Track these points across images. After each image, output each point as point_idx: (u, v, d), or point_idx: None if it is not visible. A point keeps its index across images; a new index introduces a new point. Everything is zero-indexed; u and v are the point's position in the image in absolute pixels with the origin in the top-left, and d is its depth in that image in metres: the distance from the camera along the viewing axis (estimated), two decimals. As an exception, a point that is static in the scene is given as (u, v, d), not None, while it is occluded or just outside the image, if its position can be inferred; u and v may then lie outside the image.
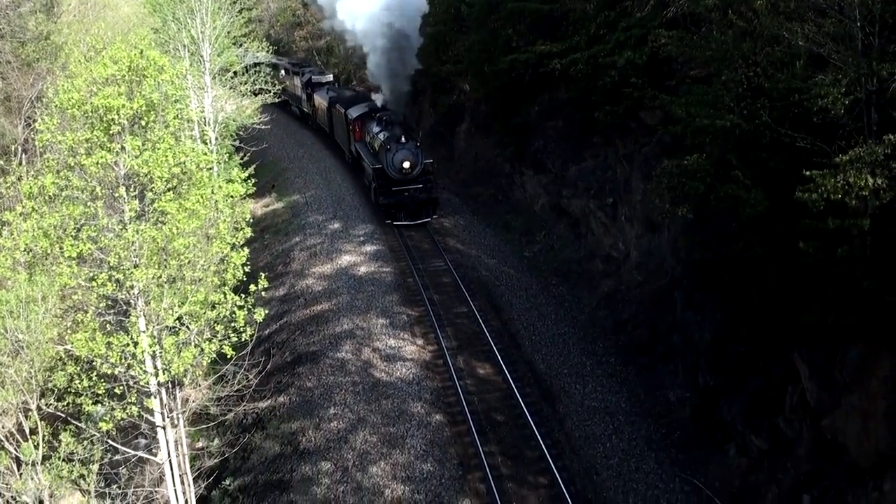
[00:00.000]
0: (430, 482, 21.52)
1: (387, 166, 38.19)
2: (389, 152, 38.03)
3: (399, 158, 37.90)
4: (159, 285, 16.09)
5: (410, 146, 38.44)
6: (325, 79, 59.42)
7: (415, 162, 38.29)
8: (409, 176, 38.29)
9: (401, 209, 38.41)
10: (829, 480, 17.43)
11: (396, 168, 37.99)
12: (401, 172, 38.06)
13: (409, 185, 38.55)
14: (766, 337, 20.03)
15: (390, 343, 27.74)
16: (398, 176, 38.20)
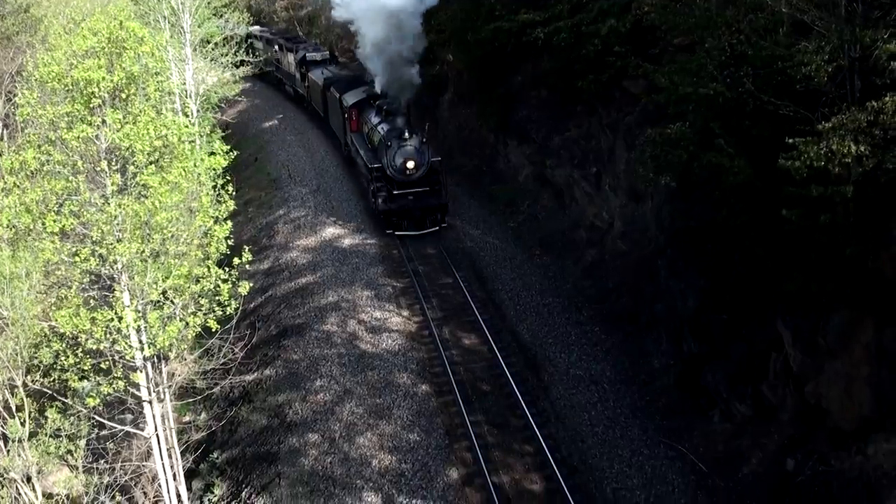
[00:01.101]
0: (416, 452, 21.65)
1: (387, 165, 33.33)
2: (390, 149, 33.17)
3: (401, 157, 33.08)
4: (143, 260, 16.00)
5: (415, 142, 33.35)
6: (320, 56, 53.38)
7: (420, 162, 33.35)
8: (413, 177, 33.44)
9: (403, 217, 33.49)
10: (813, 445, 17.65)
11: (398, 168, 33.18)
12: (404, 173, 33.26)
13: (413, 189, 33.59)
14: (750, 304, 20.16)
15: (376, 315, 27.77)
16: (401, 177, 33.38)
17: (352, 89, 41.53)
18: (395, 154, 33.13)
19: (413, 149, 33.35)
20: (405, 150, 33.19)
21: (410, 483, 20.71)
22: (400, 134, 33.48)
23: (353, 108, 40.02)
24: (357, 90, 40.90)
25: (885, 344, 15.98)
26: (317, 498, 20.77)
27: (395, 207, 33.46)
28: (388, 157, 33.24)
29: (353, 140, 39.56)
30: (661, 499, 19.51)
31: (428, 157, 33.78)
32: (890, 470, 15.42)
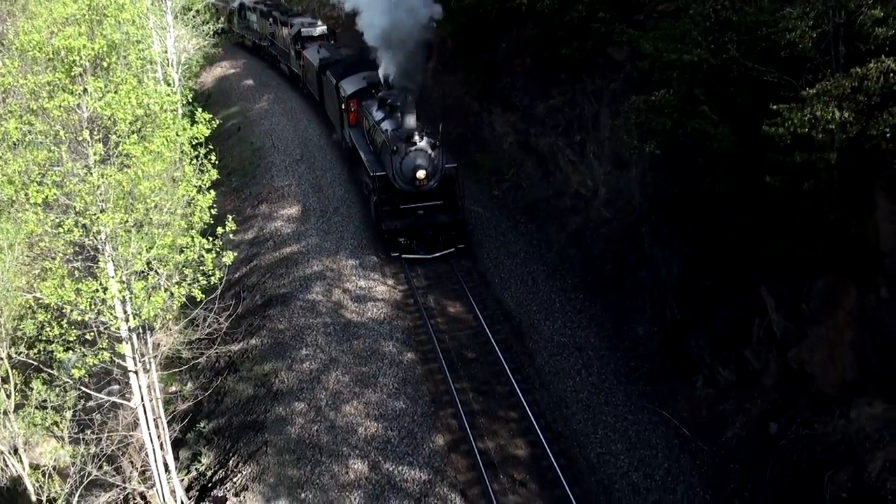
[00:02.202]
0: (402, 419, 21.77)
1: (393, 174, 28.77)
2: (397, 155, 28.47)
3: (411, 166, 28.49)
4: (126, 230, 15.92)
5: (426, 147, 28.63)
6: (317, 31, 47.98)
7: (433, 170, 28.80)
8: (424, 189, 28.98)
9: (413, 236, 28.89)
10: (796, 409, 17.84)
11: (406, 178, 28.64)
12: (413, 185, 28.76)
13: (424, 202, 29.16)
14: (733, 271, 20.27)
15: (360, 284, 27.79)
16: (409, 188, 28.88)
17: (351, 74, 36.62)
18: (402, 161, 28.45)
19: (425, 155, 28.63)
20: (415, 156, 28.53)
21: (396, 450, 20.85)
22: (408, 136, 28.60)
23: (351, 98, 35.22)
24: (357, 77, 36.01)
25: (867, 309, 16.12)
26: (304, 465, 20.88)
27: (403, 226, 28.77)
28: (393, 164, 28.56)
29: (352, 136, 34.83)
30: (644, 463, 19.72)
31: (442, 165, 29.08)
32: (872, 433, 15.61)
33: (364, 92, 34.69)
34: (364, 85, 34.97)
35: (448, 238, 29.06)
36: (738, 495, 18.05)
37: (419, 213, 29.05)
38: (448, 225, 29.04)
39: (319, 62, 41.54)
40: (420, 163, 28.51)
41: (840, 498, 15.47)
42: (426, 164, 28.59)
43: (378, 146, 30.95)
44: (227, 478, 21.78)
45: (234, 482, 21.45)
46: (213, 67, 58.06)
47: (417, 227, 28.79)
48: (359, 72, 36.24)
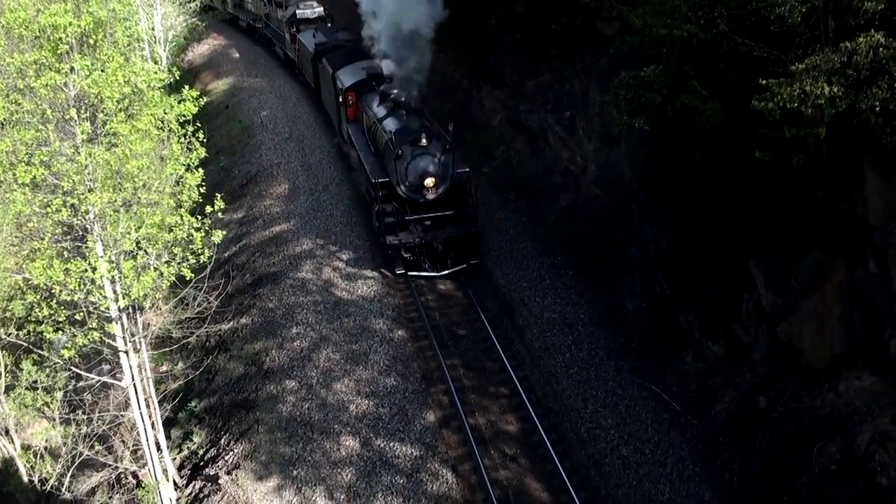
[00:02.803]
0: (393, 396, 21.84)
1: (397, 181, 26.10)
2: (402, 160, 25.77)
3: (417, 172, 25.89)
4: (115, 210, 15.84)
5: (436, 150, 26.01)
6: (313, 13, 45.00)
7: (442, 177, 26.22)
8: (432, 198, 26.41)
9: (420, 252, 26.30)
10: (785, 383, 17.96)
11: (413, 186, 26.07)
12: (420, 193, 26.14)
13: (432, 213, 26.50)
14: (722, 246, 20.32)
15: (350, 262, 27.76)
16: (416, 197, 26.26)
17: (350, 63, 34.09)
18: (408, 167, 25.83)
19: (434, 160, 26.00)
20: (422, 161, 25.87)
21: (388, 427, 20.92)
22: (414, 137, 25.93)
23: (350, 91, 32.43)
24: (356, 66, 33.37)
25: (856, 284, 16.21)
26: (295, 443, 20.93)
27: (409, 240, 26.06)
28: (398, 169, 25.85)
29: (350, 133, 32.00)
30: (634, 437, 19.83)
31: (453, 170, 26.36)
32: (861, 406, 15.74)
33: (364, 84, 31.94)
34: (364, 77, 32.22)
35: (459, 253, 26.50)
36: (727, 468, 18.20)
37: (427, 225, 26.35)
38: (459, 239, 26.25)
39: (315, 48, 38.81)
40: (428, 169, 25.83)
41: (829, 470, 15.61)
42: (435, 170, 25.91)
43: (380, 147, 28.07)
44: (218, 456, 21.83)
45: (225, 460, 21.50)
46: (201, 45, 57.59)
47: (425, 242, 26.07)
48: (358, 60, 33.87)
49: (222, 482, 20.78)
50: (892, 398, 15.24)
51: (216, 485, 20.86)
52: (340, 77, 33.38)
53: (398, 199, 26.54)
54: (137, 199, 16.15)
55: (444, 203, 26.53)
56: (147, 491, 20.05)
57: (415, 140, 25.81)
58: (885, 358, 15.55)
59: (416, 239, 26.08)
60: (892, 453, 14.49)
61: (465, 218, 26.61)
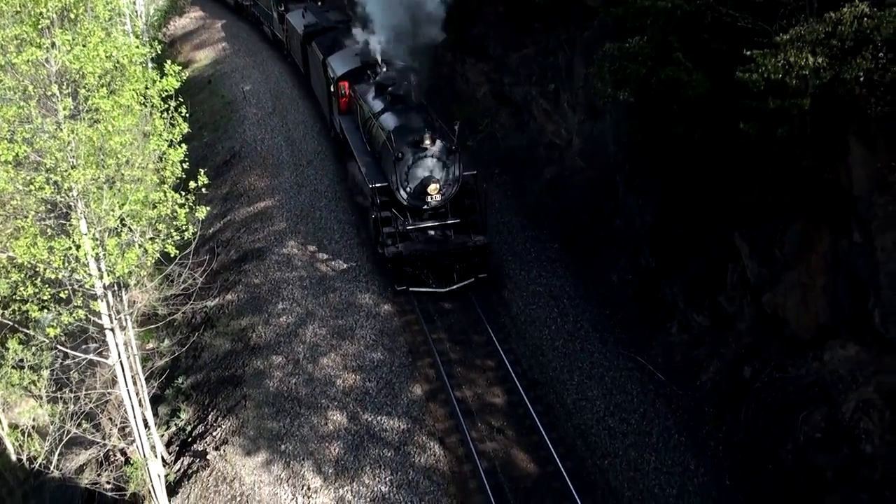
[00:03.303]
0: (380, 370, 21.91)
1: (397, 186, 23.86)
2: (402, 163, 23.55)
3: (420, 177, 23.71)
4: (98, 186, 15.71)
5: (440, 152, 23.70)
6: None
7: (448, 183, 24.07)
8: (437, 206, 24.35)
9: (423, 266, 24.09)
10: (770, 353, 18.10)
11: (415, 192, 23.88)
12: (423, 200, 23.98)
13: (436, 222, 24.56)
14: (707, 218, 20.40)
15: (336, 237, 27.70)
16: (418, 204, 24.10)
17: (342, 48, 31.77)
18: (408, 171, 23.63)
19: (437, 163, 23.75)
20: (425, 165, 23.65)
21: (375, 401, 21.00)
22: (416, 138, 23.58)
23: (342, 80, 29.84)
24: (349, 52, 31.03)
25: (840, 254, 16.30)
26: (283, 418, 20.98)
27: (410, 252, 23.78)
28: (398, 173, 23.59)
29: (343, 126, 29.62)
30: (620, 408, 19.99)
31: (459, 174, 24.13)
32: (845, 375, 15.89)
33: (358, 73, 29.40)
34: (358, 64, 29.67)
35: (466, 266, 24.24)
36: (712, 437, 18.38)
37: (430, 235, 24.37)
38: (466, 251, 24.00)
39: (304, 30, 36.06)
40: (432, 173, 23.66)
41: (814, 438, 15.78)
42: (439, 174, 23.74)
43: (377, 146, 25.71)
44: (206, 432, 21.86)
45: (213, 436, 21.54)
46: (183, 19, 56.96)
47: (429, 255, 23.88)
48: (351, 45, 31.70)
49: (210, 458, 20.82)
50: (876, 367, 15.39)
51: (204, 460, 20.90)
52: (332, 64, 30.87)
53: (398, 206, 24.23)
54: (121, 176, 16.02)
55: (449, 210, 24.50)
56: (135, 467, 20.07)
57: (417, 141, 23.42)
58: (869, 327, 15.68)
59: (418, 252, 23.80)
60: (877, 421, 14.66)
61: (472, 227, 24.38)
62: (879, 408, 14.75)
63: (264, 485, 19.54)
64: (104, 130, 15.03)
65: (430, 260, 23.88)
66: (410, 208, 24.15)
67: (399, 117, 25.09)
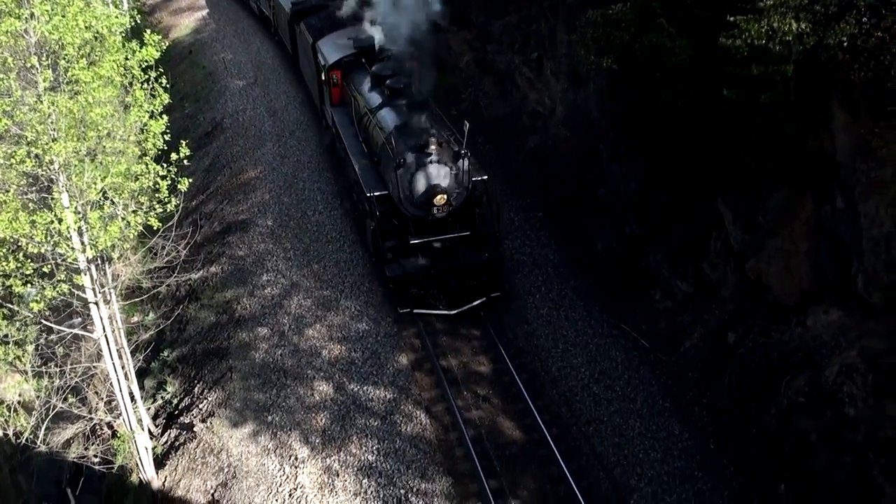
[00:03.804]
0: (366, 340, 21.94)
1: (399, 195, 21.24)
2: (404, 170, 20.91)
3: (424, 186, 21.01)
4: (80, 159, 15.58)
5: (446, 158, 21.15)
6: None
7: (457, 192, 21.42)
8: (444, 217, 21.54)
9: (431, 285, 21.80)
10: (753, 319, 18.24)
11: (419, 202, 21.16)
12: (428, 209, 21.20)
13: (443, 234, 21.91)
14: (690, 185, 20.44)
15: (319, 208, 27.60)
16: (422, 214, 21.40)
17: (333, 31, 29.30)
18: (412, 179, 20.94)
19: (445, 171, 21.11)
20: (431, 172, 20.96)
21: (360, 371, 21.05)
22: (420, 141, 21.00)
23: (334, 69, 27.48)
24: (341, 36, 28.51)
25: (823, 220, 16.39)
26: (269, 389, 21.01)
27: (414, 271, 21.54)
28: (400, 182, 20.95)
29: (335, 119, 27.34)
30: (605, 375, 20.12)
31: (468, 180, 21.63)
32: (829, 340, 16.04)
33: (352, 61, 27.16)
34: (351, 51, 27.34)
35: (478, 284, 21.96)
36: (696, 402, 18.55)
37: (436, 249, 21.95)
38: (478, 267, 21.79)
39: (292, 7, 33.71)
40: (438, 182, 20.99)
41: (797, 402, 15.95)
42: (448, 183, 21.12)
43: (375, 146, 23.26)
44: (193, 404, 21.87)
45: (200, 408, 21.56)
46: None
47: (436, 273, 21.57)
48: (343, 27, 29.25)
49: (197, 430, 20.85)
50: (860, 331, 15.53)
51: (191, 433, 20.92)
52: (322, 49, 28.38)
53: (400, 218, 21.74)
54: (102, 148, 15.88)
55: (458, 221, 21.94)
56: (122, 441, 20.08)
57: (420, 145, 20.86)
58: (851, 292, 15.81)
59: (423, 270, 21.55)
60: (860, 385, 14.82)
61: (483, 239, 22.02)
62: (863, 372, 14.91)
63: (252, 455, 19.60)
64: (84, 102, 14.89)
65: (436, 278, 21.56)
66: (414, 219, 21.56)
67: (399, 115, 22.79)
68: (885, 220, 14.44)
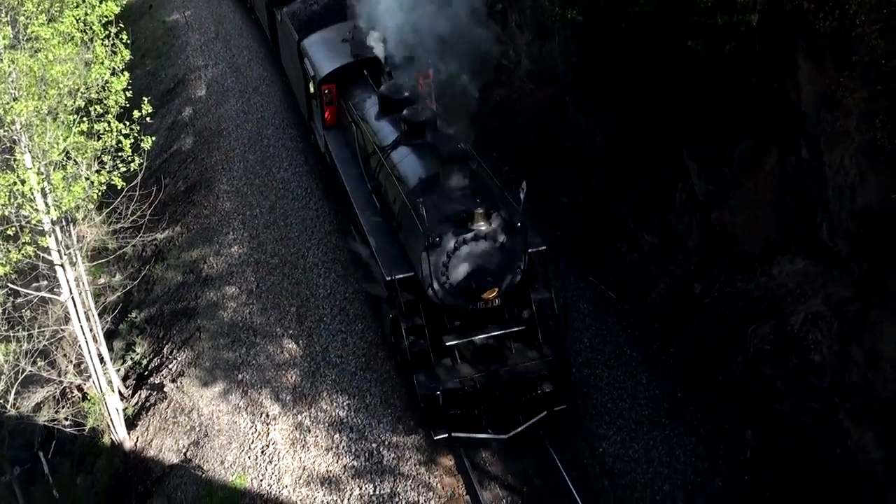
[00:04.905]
0: (334, 297, 21.89)
1: (431, 280, 15.81)
2: (439, 250, 15.59)
3: (466, 271, 15.82)
4: (42, 119, 15.34)
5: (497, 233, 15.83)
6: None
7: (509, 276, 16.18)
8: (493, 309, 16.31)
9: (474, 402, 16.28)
10: (719, 269, 18.44)
11: (458, 288, 15.94)
12: (469, 300, 15.98)
13: (489, 328, 16.48)
14: (656, 137, 20.50)
15: (284, 165, 27.38)
16: (460, 304, 16.13)
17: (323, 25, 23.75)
18: (448, 261, 15.62)
19: (494, 248, 15.79)
20: (476, 252, 15.66)
21: (330, 327, 21.03)
22: (460, 210, 15.58)
23: (327, 83, 21.98)
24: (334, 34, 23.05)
25: (788, 170, 16.55)
26: (238, 348, 21.02)
27: (454, 384, 16.05)
28: (432, 263, 15.54)
29: (330, 146, 22.33)
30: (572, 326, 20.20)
31: (524, 258, 16.27)
32: (794, 288, 16.29)
33: (350, 72, 21.60)
34: (349, 59, 21.75)
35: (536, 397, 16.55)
36: (663, 352, 18.79)
37: (479, 348, 16.57)
38: (538, 375, 16.46)
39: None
40: (485, 265, 15.77)
41: (763, 350, 16.23)
42: (499, 266, 15.91)
43: (392, 206, 17.85)
44: (162, 365, 21.85)
45: (170, 369, 21.54)
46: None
47: (483, 389, 16.03)
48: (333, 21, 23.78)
49: (168, 390, 20.85)
50: (825, 279, 15.78)
51: (162, 393, 20.92)
52: (311, 52, 22.81)
53: (429, 305, 16.27)
54: (64, 107, 15.65)
55: (507, 309, 16.73)
56: (93, 403, 20.03)
57: (462, 218, 15.45)
58: (816, 241, 16.03)
59: (465, 384, 16.08)
60: (825, 332, 15.10)
61: (542, 333, 16.76)
62: (828, 319, 15.18)
63: (223, 414, 19.64)
64: (45, 60, 14.64)
65: (482, 394, 16.10)
66: (451, 309, 16.31)
67: (424, 162, 17.32)
68: (849, 170, 14.62)
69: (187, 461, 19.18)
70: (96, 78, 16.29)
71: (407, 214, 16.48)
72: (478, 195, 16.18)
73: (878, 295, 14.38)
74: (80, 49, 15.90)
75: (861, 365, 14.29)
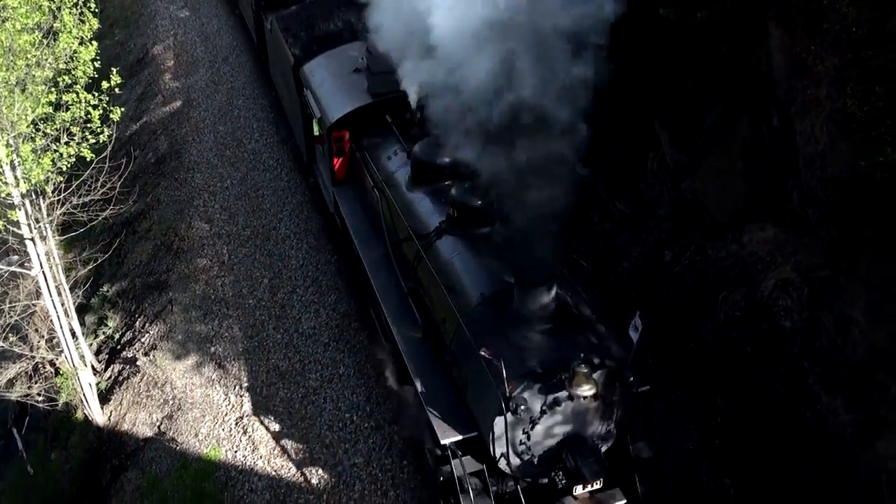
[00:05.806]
0: (306, 268, 21.82)
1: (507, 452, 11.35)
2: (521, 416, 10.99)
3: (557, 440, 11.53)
4: (10, 90, 15.11)
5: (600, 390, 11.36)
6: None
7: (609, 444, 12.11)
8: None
9: None
10: (690, 237, 18.55)
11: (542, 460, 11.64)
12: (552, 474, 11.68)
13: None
14: (627, 106, 20.51)
15: (255, 136, 27.17)
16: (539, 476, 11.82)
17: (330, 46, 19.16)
18: (531, 430, 11.37)
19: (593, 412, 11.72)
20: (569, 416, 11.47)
21: (303, 298, 21.00)
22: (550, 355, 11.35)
23: (338, 129, 17.39)
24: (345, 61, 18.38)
25: (759, 138, 16.63)
26: (211, 320, 20.96)
27: None
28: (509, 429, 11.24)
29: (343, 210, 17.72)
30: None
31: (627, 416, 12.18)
32: (764, 256, 16.43)
33: (366, 117, 17.10)
34: (366, 101, 17.07)
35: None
36: (634, 320, 18.91)
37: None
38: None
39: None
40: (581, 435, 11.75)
41: (734, 317, 16.40)
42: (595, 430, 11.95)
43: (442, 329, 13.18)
44: (135, 339, 21.77)
45: (142, 342, 21.48)
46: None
47: None
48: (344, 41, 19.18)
49: (140, 364, 20.80)
50: (795, 246, 15.92)
51: (135, 367, 20.86)
52: (314, 85, 18.37)
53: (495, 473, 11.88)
54: (32, 78, 15.42)
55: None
56: (66, 378, 19.95)
57: (554, 382, 11.13)
58: (787, 209, 16.15)
59: None
60: (795, 298, 15.27)
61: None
62: (798, 285, 15.35)
63: (196, 387, 19.63)
64: (12, 29, 14.40)
65: None
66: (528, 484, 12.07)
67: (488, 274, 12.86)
68: (820, 138, 14.71)
69: (161, 434, 19.18)
70: (64, 47, 16.06)
71: (466, 349, 12.00)
72: (570, 329, 11.99)
73: (847, 261, 14.54)
74: (47, 17, 15.66)
75: (830, 330, 14.48)
